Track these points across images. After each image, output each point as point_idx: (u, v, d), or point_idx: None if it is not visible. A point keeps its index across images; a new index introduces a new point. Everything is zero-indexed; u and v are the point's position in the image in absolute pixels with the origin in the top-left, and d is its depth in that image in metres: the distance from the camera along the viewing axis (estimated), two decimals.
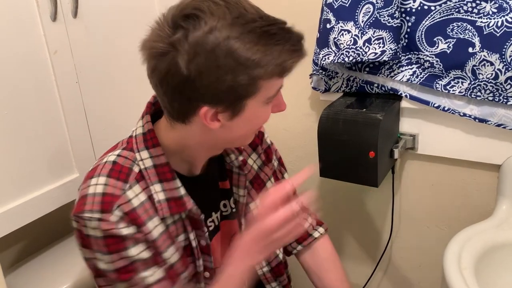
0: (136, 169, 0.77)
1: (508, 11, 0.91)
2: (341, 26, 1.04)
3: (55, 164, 1.06)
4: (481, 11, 0.94)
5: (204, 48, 0.65)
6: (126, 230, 0.72)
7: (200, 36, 0.65)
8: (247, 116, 0.72)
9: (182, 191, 0.79)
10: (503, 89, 0.95)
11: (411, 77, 1.05)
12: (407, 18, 1.01)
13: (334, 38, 1.04)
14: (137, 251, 0.74)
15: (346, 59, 1.02)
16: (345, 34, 1.03)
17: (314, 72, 1.16)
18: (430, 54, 1.01)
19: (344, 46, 1.03)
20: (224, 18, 0.65)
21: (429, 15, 0.99)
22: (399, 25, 1.01)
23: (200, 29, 0.65)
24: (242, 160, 0.91)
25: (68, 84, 1.05)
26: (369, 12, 1.00)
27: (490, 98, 0.97)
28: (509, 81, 0.93)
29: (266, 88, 0.71)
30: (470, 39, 0.96)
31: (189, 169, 0.84)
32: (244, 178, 0.92)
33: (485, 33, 0.94)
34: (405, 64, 1.06)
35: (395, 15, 0.99)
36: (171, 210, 0.77)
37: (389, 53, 1.00)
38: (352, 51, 1.02)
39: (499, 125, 1.00)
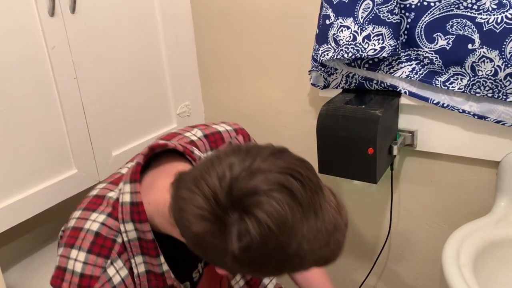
0: (119, 240, 0.72)
1: (508, 7, 0.91)
2: (340, 22, 1.03)
3: (53, 160, 1.06)
4: (480, 7, 0.93)
5: (260, 252, 0.56)
6: None
7: (261, 240, 0.55)
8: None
9: (165, 267, 0.75)
10: (503, 85, 0.95)
11: (410, 73, 1.05)
12: (407, 14, 1.01)
13: (334, 34, 1.04)
14: None
15: (346, 55, 1.02)
16: (345, 30, 1.02)
17: (313, 68, 1.15)
18: (430, 51, 1.00)
19: (343, 42, 1.02)
20: (294, 229, 0.56)
21: (429, 11, 0.98)
22: (399, 21, 1.00)
23: (263, 233, 0.55)
24: None
25: (66, 79, 1.05)
26: (369, 8, 1.00)
27: (490, 95, 0.97)
28: (508, 78, 0.93)
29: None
30: (469, 35, 0.95)
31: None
32: None
33: (484, 29, 0.93)
34: (404, 61, 1.06)
35: (394, 11, 0.99)
36: (150, 283, 0.74)
37: (389, 50, 0.99)
38: (351, 47, 1.01)
39: (498, 122, 0.99)
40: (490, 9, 0.92)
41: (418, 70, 1.04)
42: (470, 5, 0.94)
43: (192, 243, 0.61)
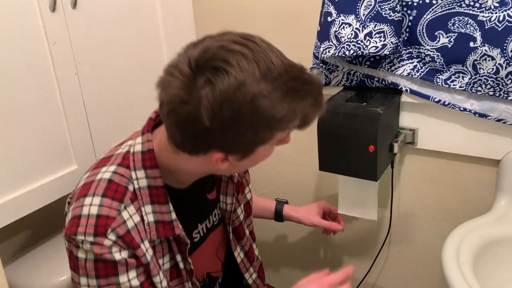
0: (131, 188, 0.75)
1: (510, 5, 0.90)
2: (342, 19, 1.03)
3: (53, 156, 1.06)
4: (482, 5, 0.93)
5: (230, 105, 0.63)
6: (118, 255, 0.71)
7: (227, 92, 0.62)
8: (255, 157, 0.73)
9: (173, 215, 0.78)
10: (504, 84, 0.95)
11: (412, 71, 1.05)
12: (409, 11, 1.01)
13: (335, 31, 1.04)
14: (126, 279, 0.72)
15: (347, 52, 1.02)
16: (346, 28, 1.02)
17: (315, 65, 1.15)
18: (431, 48, 1.00)
19: (345, 39, 1.02)
20: (253, 75, 0.63)
21: (431, 9, 0.98)
22: (401, 18, 1.00)
23: (228, 85, 0.62)
24: None
25: (67, 75, 1.05)
26: (371, 5, 1.00)
27: (491, 93, 0.97)
28: (509, 76, 0.93)
29: (281, 135, 0.71)
30: (471, 33, 0.95)
31: (179, 183, 0.83)
32: (232, 186, 0.93)
33: (486, 27, 0.93)
34: (405, 58, 1.05)
35: (396, 9, 0.99)
36: (158, 233, 0.76)
37: (390, 47, 0.99)
38: (353, 45, 1.01)
39: (499, 120, 0.99)
40: (492, 7, 0.92)
41: (419, 68, 1.04)
42: (472, 3, 0.94)
43: (173, 123, 0.67)
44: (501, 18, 0.91)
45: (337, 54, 1.04)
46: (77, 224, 0.71)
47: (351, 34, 1.02)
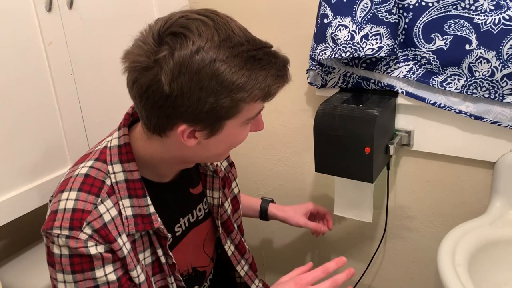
0: (108, 182, 0.75)
1: (506, 8, 0.91)
2: (338, 21, 1.03)
3: (49, 157, 1.06)
4: (478, 8, 0.94)
5: (189, 68, 0.64)
6: (94, 249, 0.71)
7: (186, 56, 0.64)
8: (224, 136, 0.72)
9: (151, 209, 0.77)
10: (499, 86, 0.95)
11: (408, 73, 1.05)
12: (405, 14, 1.01)
13: (332, 33, 1.04)
14: (102, 273, 0.72)
15: (343, 54, 1.02)
16: (343, 30, 1.03)
17: (311, 67, 1.15)
18: (427, 51, 1.01)
19: (341, 41, 1.02)
20: (211, 40, 0.65)
21: (427, 12, 0.99)
22: (397, 21, 1.00)
23: (186, 49, 0.64)
24: (216, 164, 0.93)
25: (63, 76, 1.04)
26: (367, 7, 1.00)
27: (486, 96, 0.97)
28: (505, 79, 0.94)
29: (247, 110, 0.71)
30: (467, 36, 0.96)
31: (160, 176, 0.83)
32: (218, 181, 0.93)
33: (482, 30, 0.94)
34: (401, 61, 1.06)
35: (392, 11, 0.99)
36: (137, 227, 0.76)
37: (386, 49, 1.00)
38: (349, 47, 1.01)
39: (494, 123, 1.00)
40: (488, 10, 0.93)
41: (415, 70, 1.04)
42: (468, 6, 0.94)
43: (137, 94, 0.69)
44: (496, 21, 0.92)
45: (333, 56, 1.04)
46: (53, 219, 0.71)
47: (348, 36, 1.02)
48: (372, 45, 1.00)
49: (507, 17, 0.91)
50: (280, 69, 0.70)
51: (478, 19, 0.94)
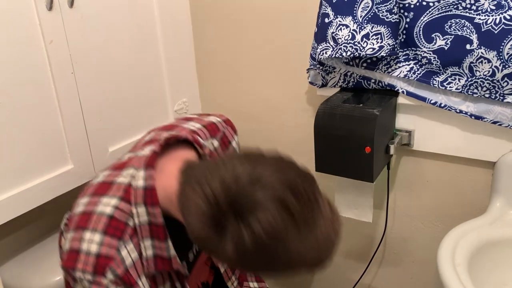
0: (131, 223, 0.74)
1: (507, 8, 0.91)
2: (339, 21, 1.03)
3: (49, 155, 1.06)
4: (479, 8, 0.94)
5: (257, 251, 0.60)
6: None
7: (258, 240, 0.59)
8: None
9: (172, 251, 0.77)
10: (500, 86, 0.95)
11: (408, 73, 1.05)
12: (406, 13, 1.01)
13: (332, 32, 1.04)
14: None
15: (344, 54, 1.02)
16: (343, 29, 1.02)
17: (312, 66, 1.15)
18: (428, 51, 1.01)
19: (342, 41, 1.02)
20: (286, 227, 0.59)
21: (428, 11, 0.99)
22: (398, 20, 1.00)
23: (260, 231, 0.59)
24: None
25: (64, 74, 1.04)
26: (368, 7, 1.00)
27: (487, 95, 0.97)
28: (506, 79, 0.94)
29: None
30: (468, 36, 0.96)
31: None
32: None
33: (483, 30, 0.94)
34: (402, 60, 1.06)
35: (393, 11, 0.99)
36: (156, 267, 0.76)
37: (387, 49, 1.00)
38: (350, 46, 1.01)
39: (495, 122, 1.00)
40: (489, 10, 0.93)
41: (416, 69, 1.04)
42: (468, 6, 0.94)
43: (193, 237, 0.65)
44: (497, 21, 0.92)
45: (334, 55, 1.04)
46: (75, 259, 0.71)
47: (348, 35, 1.02)
48: (373, 44, 1.00)
49: (508, 17, 0.91)
50: (325, 261, 0.67)
51: (479, 19, 0.94)
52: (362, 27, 1.01)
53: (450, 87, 1.01)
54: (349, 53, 1.01)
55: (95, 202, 0.75)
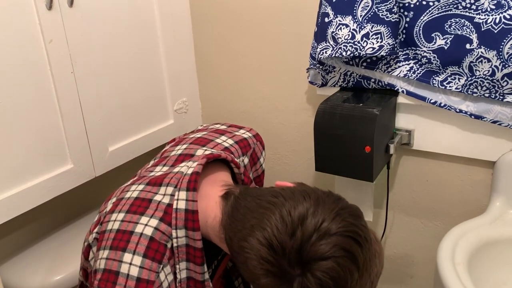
0: (169, 245, 0.72)
1: (506, 8, 0.91)
2: (339, 20, 1.03)
3: (49, 155, 1.06)
4: (479, 8, 0.94)
5: None
6: None
7: None
8: None
9: (206, 276, 0.76)
10: (500, 86, 0.95)
11: (408, 72, 1.05)
12: (405, 13, 1.01)
13: (332, 32, 1.04)
14: None
15: (344, 53, 1.02)
16: (343, 28, 1.02)
17: (311, 66, 1.15)
18: (428, 50, 1.01)
19: (342, 40, 1.02)
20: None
21: (427, 11, 0.99)
22: (397, 20, 1.00)
23: None
24: None
25: (63, 74, 1.04)
26: (368, 6, 1.00)
27: (487, 95, 0.97)
28: (505, 78, 0.94)
29: None
30: (467, 35, 0.96)
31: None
32: None
33: (483, 29, 0.94)
34: (402, 60, 1.06)
35: (393, 10, 0.99)
36: None
37: (387, 48, 1.00)
38: (350, 46, 1.01)
39: (494, 122, 1.00)
40: (489, 9, 0.93)
41: (416, 69, 1.04)
42: (468, 5, 0.94)
43: (249, 280, 0.65)
44: (497, 20, 0.92)
45: (334, 55, 1.04)
46: (114, 281, 0.69)
47: (348, 35, 1.02)
48: (373, 44, 1.00)
49: (507, 17, 0.91)
50: None
51: (479, 18, 0.94)
52: (362, 27, 1.01)
53: (450, 86, 1.01)
54: (349, 52, 1.01)
55: (133, 222, 0.73)
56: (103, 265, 0.71)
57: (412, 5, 1.00)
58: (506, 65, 0.92)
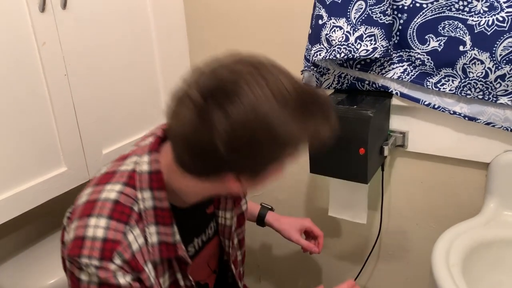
0: (136, 208, 0.73)
1: (499, 10, 0.91)
2: (333, 23, 1.03)
3: (43, 158, 1.05)
4: (472, 10, 0.94)
5: (245, 130, 0.62)
6: (123, 279, 0.70)
7: (241, 119, 0.62)
8: (268, 176, 0.72)
9: (177, 237, 0.76)
10: (493, 87, 0.95)
11: (402, 74, 1.05)
12: (399, 15, 1.01)
13: (326, 34, 1.04)
14: None
15: (338, 55, 1.02)
16: (337, 31, 1.03)
17: (306, 68, 1.15)
18: (421, 52, 1.01)
19: (336, 42, 1.02)
20: (266, 98, 0.63)
21: (421, 13, 0.99)
22: (391, 22, 1.01)
23: (241, 111, 0.62)
24: None
25: (57, 76, 1.04)
26: (361, 8, 1.00)
27: (480, 97, 0.98)
28: (499, 80, 0.94)
29: (292, 152, 0.70)
30: (461, 37, 0.96)
31: (184, 203, 0.82)
32: (231, 201, 0.93)
33: (476, 31, 0.94)
34: (396, 62, 1.06)
35: (387, 12, 0.99)
36: (161, 254, 0.75)
37: (381, 50, 1.00)
38: (343, 48, 1.02)
39: (488, 124, 1.00)
40: (482, 11, 0.93)
41: (409, 71, 1.05)
42: (462, 7, 0.95)
43: (186, 151, 0.67)
44: (490, 23, 0.92)
45: (328, 57, 1.04)
46: (81, 246, 0.69)
47: (342, 37, 1.02)
48: (367, 46, 1.00)
49: (500, 19, 0.91)
50: (329, 117, 0.70)
51: (472, 20, 0.94)
52: (356, 29, 1.01)
53: (443, 88, 1.01)
54: (343, 54, 1.02)
55: (99, 191, 0.74)
56: (72, 234, 0.71)
57: (405, 7, 1.00)
58: (499, 67, 0.93)
